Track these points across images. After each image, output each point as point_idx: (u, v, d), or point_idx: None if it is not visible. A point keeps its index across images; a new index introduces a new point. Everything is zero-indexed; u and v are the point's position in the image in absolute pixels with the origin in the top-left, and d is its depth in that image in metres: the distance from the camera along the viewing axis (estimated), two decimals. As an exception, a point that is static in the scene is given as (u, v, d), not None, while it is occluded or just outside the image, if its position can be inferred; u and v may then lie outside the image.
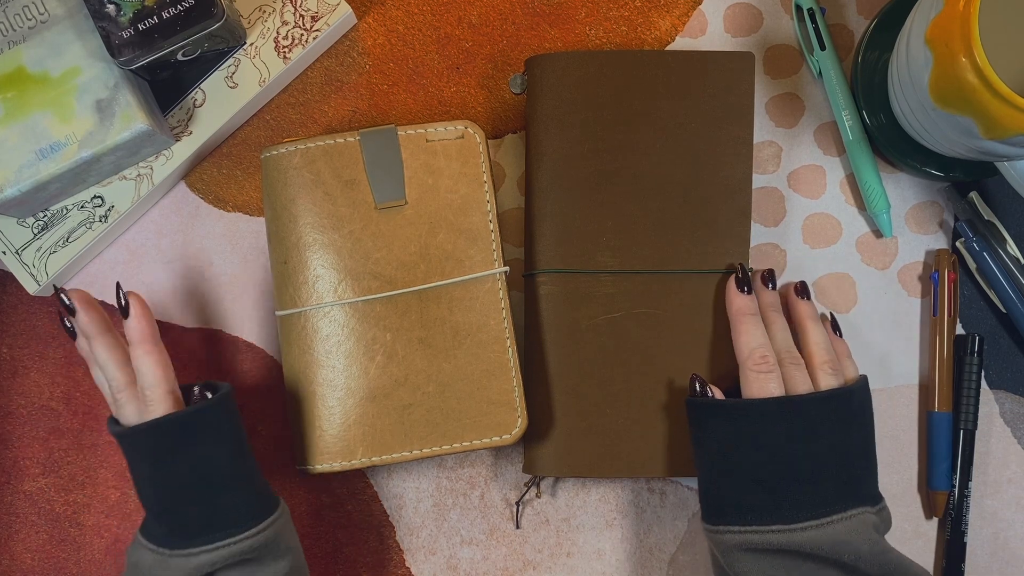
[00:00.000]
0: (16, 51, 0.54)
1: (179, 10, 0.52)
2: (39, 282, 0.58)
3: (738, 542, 0.50)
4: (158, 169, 0.59)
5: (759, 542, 0.49)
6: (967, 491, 0.58)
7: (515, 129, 0.61)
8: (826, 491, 0.49)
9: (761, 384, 0.51)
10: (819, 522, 0.48)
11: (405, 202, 0.56)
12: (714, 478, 0.52)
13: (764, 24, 0.61)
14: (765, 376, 0.52)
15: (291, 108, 0.61)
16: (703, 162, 0.56)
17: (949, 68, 0.46)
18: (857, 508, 0.49)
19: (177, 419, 0.49)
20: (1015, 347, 0.60)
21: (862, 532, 0.48)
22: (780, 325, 0.54)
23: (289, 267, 0.56)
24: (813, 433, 0.50)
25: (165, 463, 0.49)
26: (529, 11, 0.61)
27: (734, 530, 0.50)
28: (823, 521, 0.48)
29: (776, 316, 0.55)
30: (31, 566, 0.60)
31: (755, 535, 0.49)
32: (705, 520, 0.52)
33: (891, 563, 0.48)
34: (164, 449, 0.49)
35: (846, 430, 0.51)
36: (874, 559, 0.48)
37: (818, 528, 0.48)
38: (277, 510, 0.51)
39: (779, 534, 0.49)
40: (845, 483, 0.50)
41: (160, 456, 0.49)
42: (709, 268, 0.56)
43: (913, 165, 0.58)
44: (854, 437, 0.51)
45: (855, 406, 0.52)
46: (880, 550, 0.48)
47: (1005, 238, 0.59)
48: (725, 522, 0.50)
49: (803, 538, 0.48)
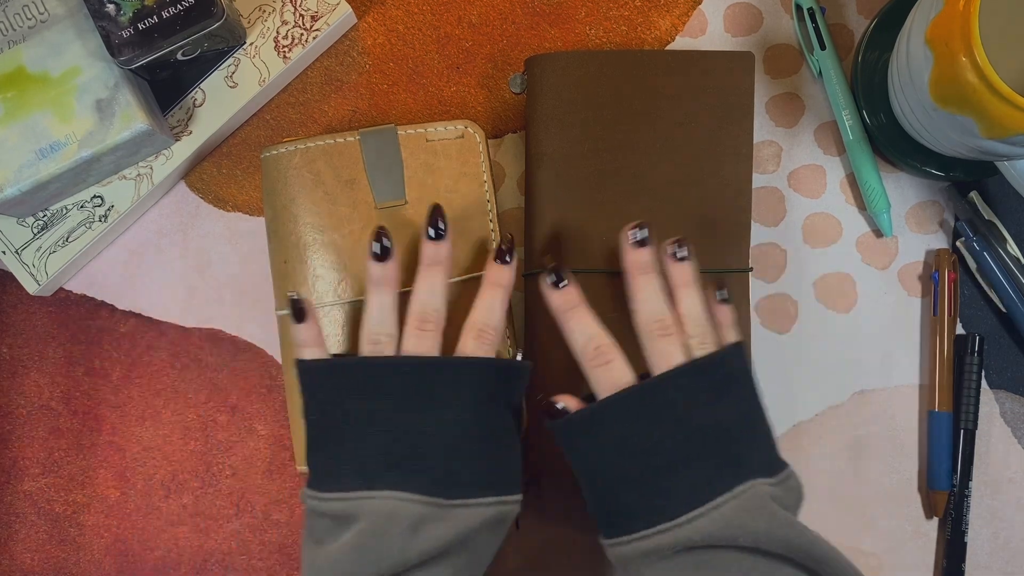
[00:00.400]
0: (16, 51, 0.54)
1: (179, 10, 0.52)
2: (39, 282, 0.58)
3: (632, 552, 0.45)
4: (158, 169, 0.59)
5: (651, 547, 0.44)
6: (967, 491, 0.58)
7: (515, 129, 0.61)
8: (706, 474, 0.44)
9: (607, 376, 0.47)
10: (704, 509, 0.43)
11: (405, 202, 0.56)
12: (594, 492, 0.47)
13: (764, 24, 0.61)
14: (605, 368, 0.47)
15: (291, 108, 0.61)
16: (703, 162, 0.56)
17: (949, 68, 0.46)
18: (745, 483, 0.44)
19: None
20: (1015, 347, 0.60)
21: (756, 509, 0.43)
22: (651, 289, 0.49)
23: (289, 267, 0.56)
24: (674, 415, 0.45)
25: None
26: (529, 11, 0.61)
27: (624, 540, 0.45)
28: (708, 507, 0.43)
29: (644, 281, 0.49)
30: (31, 566, 0.60)
31: (644, 540, 0.44)
32: (601, 537, 0.48)
33: (795, 539, 0.43)
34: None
35: (716, 403, 0.46)
36: (774, 536, 0.43)
37: (705, 516, 0.43)
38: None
39: (666, 533, 0.44)
40: (727, 460, 0.45)
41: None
42: (709, 268, 0.56)
43: (913, 165, 0.58)
44: (730, 409, 0.46)
45: (722, 376, 0.47)
46: (781, 524, 0.43)
47: (1005, 238, 0.59)
48: (615, 534, 0.46)
49: (692, 530, 0.43)
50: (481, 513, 0.46)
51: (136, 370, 0.61)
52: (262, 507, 0.60)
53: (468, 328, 0.50)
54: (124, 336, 0.61)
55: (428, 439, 0.47)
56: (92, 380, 0.60)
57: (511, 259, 0.52)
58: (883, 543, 0.60)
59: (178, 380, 0.61)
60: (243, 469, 0.60)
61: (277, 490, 0.60)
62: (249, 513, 0.60)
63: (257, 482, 0.60)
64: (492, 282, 0.51)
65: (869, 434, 0.60)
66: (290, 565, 0.60)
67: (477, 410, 0.48)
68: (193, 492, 0.60)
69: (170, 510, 0.60)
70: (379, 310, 0.50)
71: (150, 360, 0.61)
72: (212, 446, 0.60)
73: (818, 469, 0.60)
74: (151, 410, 0.60)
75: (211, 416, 0.60)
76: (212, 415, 0.60)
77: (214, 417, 0.60)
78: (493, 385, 0.48)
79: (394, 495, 0.46)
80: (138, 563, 0.60)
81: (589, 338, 0.48)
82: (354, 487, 0.46)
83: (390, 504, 0.45)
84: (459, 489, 0.46)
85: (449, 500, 0.46)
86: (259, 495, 0.60)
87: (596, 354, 0.48)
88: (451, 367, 0.48)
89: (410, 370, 0.48)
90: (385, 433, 0.47)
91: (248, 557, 0.60)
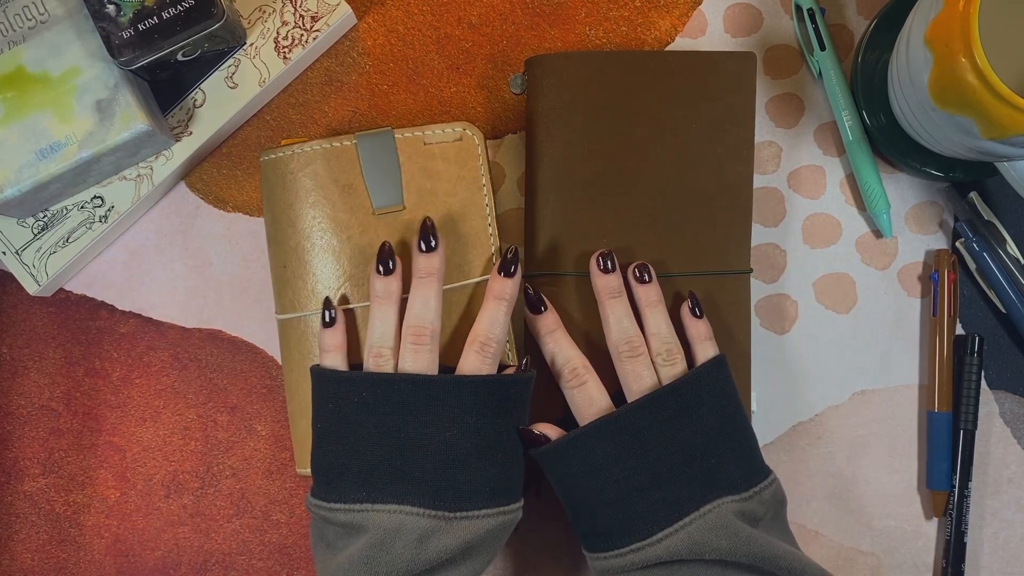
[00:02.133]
0: (16, 51, 0.54)
1: (179, 10, 0.52)
2: (39, 282, 0.58)
3: (610, 566, 0.49)
4: (158, 169, 0.59)
5: (626, 563, 0.48)
6: (967, 491, 0.58)
7: (515, 129, 0.61)
8: (676, 494, 0.48)
9: (582, 396, 0.51)
10: (672, 529, 0.48)
11: (403, 207, 0.56)
12: (574, 512, 0.51)
13: (764, 24, 0.61)
14: (580, 389, 0.51)
15: (291, 108, 0.61)
16: (703, 162, 0.56)
17: (949, 68, 0.46)
18: (713, 502, 0.48)
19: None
20: (1015, 347, 0.60)
21: (719, 528, 0.47)
22: (619, 313, 0.53)
23: (288, 271, 0.56)
24: (644, 441, 0.49)
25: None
26: (529, 11, 0.61)
27: (603, 556, 0.50)
28: (676, 527, 0.48)
29: (614, 304, 0.53)
30: (31, 566, 0.60)
31: (620, 558, 0.49)
32: (584, 550, 0.52)
33: (759, 552, 0.47)
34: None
35: (686, 423, 0.50)
36: (737, 551, 0.47)
37: (672, 535, 0.47)
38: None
39: (637, 552, 0.48)
40: (697, 478, 0.49)
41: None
42: (709, 268, 0.56)
43: (913, 165, 0.58)
44: (702, 427, 0.50)
45: (692, 397, 0.50)
46: (742, 541, 0.47)
47: (1005, 238, 0.59)
48: (593, 549, 0.50)
49: (660, 550, 0.47)
50: (485, 524, 0.48)
51: (136, 370, 0.61)
52: (262, 507, 0.60)
53: (471, 341, 0.51)
54: (124, 336, 0.61)
55: (432, 454, 0.48)
56: (92, 380, 0.60)
57: (516, 271, 0.53)
58: (883, 543, 0.60)
59: (178, 380, 0.61)
60: (243, 469, 0.60)
61: (277, 490, 0.60)
62: (249, 513, 0.60)
63: (257, 482, 0.60)
64: (496, 295, 0.53)
65: (869, 434, 0.60)
66: (290, 565, 0.60)
67: (480, 425, 0.49)
68: (193, 492, 0.60)
69: (170, 510, 0.60)
70: (382, 323, 0.51)
71: (150, 360, 0.61)
72: (212, 446, 0.60)
73: (818, 469, 0.60)
74: (151, 410, 0.60)
75: (211, 416, 0.60)
76: (212, 415, 0.60)
77: (214, 417, 0.60)
78: (495, 400, 0.50)
79: (399, 508, 0.47)
80: (138, 563, 0.60)
81: (566, 360, 0.52)
82: (359, 499, 0.48)
83: (396, 518, 0.47)
84: (463, 501, 0.48)
85: (453, 513, 0.48)
86: (259, 495, 0.60)
87: (571, 376, 0.52)
88: (452, 385, 0.49)
89: (412, 388, 0.49)
90: (390, 446, 0.48)
91: (248, 557, 0.60)
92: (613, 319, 0.53)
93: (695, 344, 0.53)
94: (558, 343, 0.53)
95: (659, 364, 0.52)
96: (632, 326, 0.52)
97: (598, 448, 0.49)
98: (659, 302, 0.53)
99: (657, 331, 0.52)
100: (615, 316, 0.53)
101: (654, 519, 0.48)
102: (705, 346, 0.53)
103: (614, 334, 0.52)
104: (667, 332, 0.52)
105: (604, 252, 0.54)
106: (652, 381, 0.51)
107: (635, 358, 0.51)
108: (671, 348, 0.52)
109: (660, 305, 0.53)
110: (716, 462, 0.49)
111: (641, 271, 0.54)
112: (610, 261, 0.53)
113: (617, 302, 0.53)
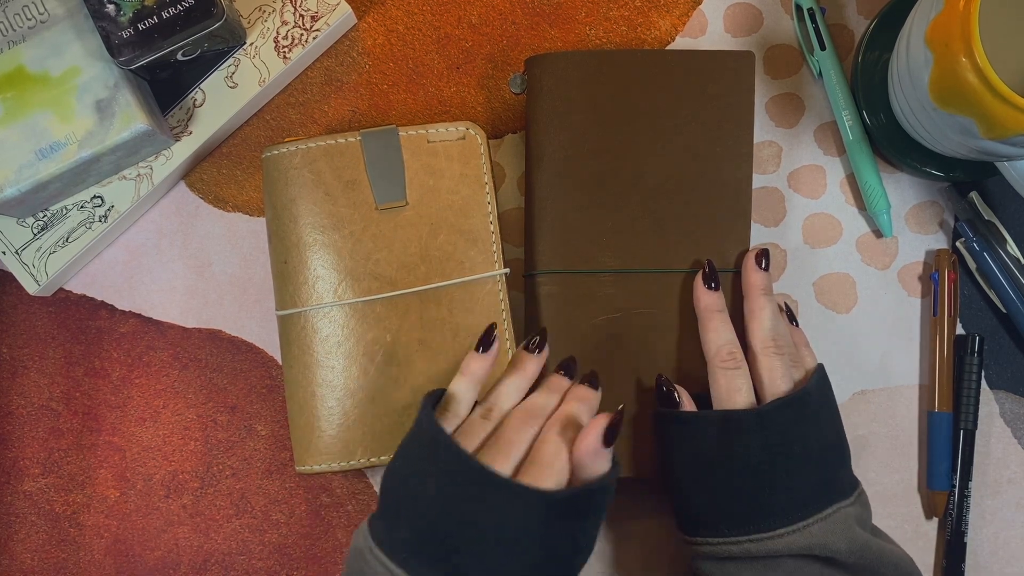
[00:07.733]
0: (16, 51, 0.54)
1: (179, 10, 0.52)
2: (39, 282, 0.58)
3: (715, 552, 0.50)
4: (158, 169, 0.59)
5: (737, 552, 0.49)
6: (967, 491, 0.58)
7: (515, 129, 0.61)
8: (803, 494, 0.49)
9: (728, 380, 0.52)
10: (796, 527, 0.48)
11: (406, 203, 0.56)
12: (688, 491, 0.51)
13: (764, 24, 0.61)
14: (732, 372, 0.52)
15: (291, 108, 0.61)
16: (703, 162, 0.56)
17: (949, 68, 0.46)
18: (833, 505, 0.49)
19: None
20: (1015, 347, 0.60)
21: (839, 531, 0.48)
22: (770, 311, 0.54)
23: (289, 267, 0.56)
24: (787, 440, 0.49)
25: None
26: (529, 11, 0.61)
27: (713, 542, 0.50)
28: (800, 525, 0.48)
29: (766, 301, 0.54)
30: (31, 566, 0.60)
31: (734, 546, 0.49)
32: (682, 532, 0.52)
33: (869, 554, 0.48)
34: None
35: (817, 427, 0.50)
36: (851, 554, 0.48)
37: (795, 533, 0.48)
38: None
39: (757, 543, 0.49)
40: (820, 482, 0.50)
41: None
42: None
43: (913, 165, 0.58)
44: (825, 432, 0.51)
45: (819, 400, 0.51)
46: (859, 546, 0.48)
47: (1005, 238, 0.59)
48: (702, 534, 0.51)
49: (780, 544, 0.48)
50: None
51: (136, 370, 0.61)
52: (262, 507, 0.60)
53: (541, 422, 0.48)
54: (124, 336, 0.61)
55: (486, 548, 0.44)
56: (92, 380, 0.60)
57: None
58: (883, 543, 0.60)
59: (178, 380, 0.61)
60: (243, 469, 0.60)
61: (277, 490, 0.60)
62: (248, 513, 0.60)
63: (257, 482, 0.60)
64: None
65: (869, 434, 0.60)
66: (290, 565, 0.60)
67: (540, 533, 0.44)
68: (193, 492, 0.60)
69: (170, 510, 0.60)
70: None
71: (150, 360, 0.61)
72: (212, 446, 0.60)
73: (818, 469, 0.60)
74: (151, 410, 0.60)
75: (211, 416, 0.60)
76: (212, 415, 0.60)
77: (214, 417, 0.60)
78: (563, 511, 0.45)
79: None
80: (138, 563, 0.60)
81: (726, 341, 0.53)
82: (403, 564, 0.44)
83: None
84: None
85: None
86: (259, 495, 0.60)
87: (728, 357, 0.52)
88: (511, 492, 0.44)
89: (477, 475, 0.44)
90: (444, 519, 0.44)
91: (248, 557, 0.60)
92: (765, 315, 0.53)
93: (800, 349, 0.54)
94: (723, 325, 0.53)
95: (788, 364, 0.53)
96: (784, 325, 0.54)
97: (746, 435, 0.49)
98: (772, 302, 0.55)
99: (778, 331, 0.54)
100: (767, 313, 0.53)
101: (779, 515, 0.49)
102: (807, 352, 0.55)
103: (767, 330, 0.53)
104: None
105: (762, 249, 0.55)
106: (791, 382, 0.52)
107: (781, 356, 0.52)
108: (793, 351, 0.53)
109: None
110: (834, 467, 0.51)
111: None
112: (764, 259, 0.55)
113: (768, 300, 0.54)
